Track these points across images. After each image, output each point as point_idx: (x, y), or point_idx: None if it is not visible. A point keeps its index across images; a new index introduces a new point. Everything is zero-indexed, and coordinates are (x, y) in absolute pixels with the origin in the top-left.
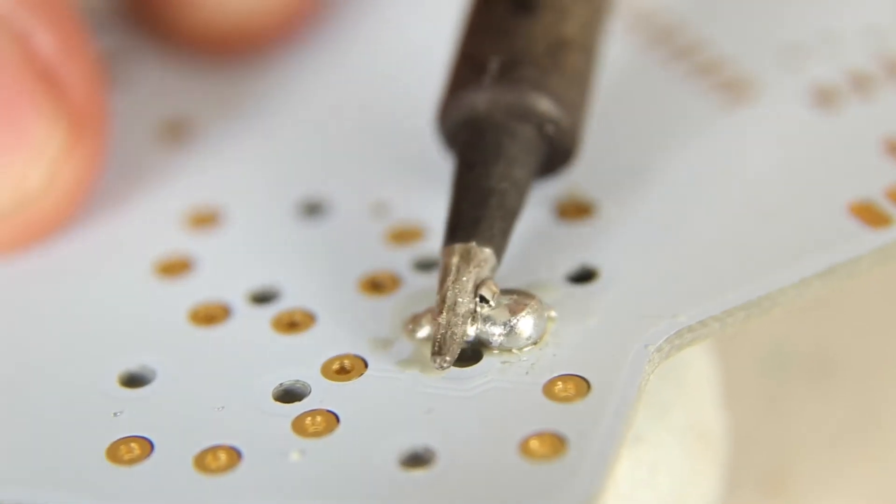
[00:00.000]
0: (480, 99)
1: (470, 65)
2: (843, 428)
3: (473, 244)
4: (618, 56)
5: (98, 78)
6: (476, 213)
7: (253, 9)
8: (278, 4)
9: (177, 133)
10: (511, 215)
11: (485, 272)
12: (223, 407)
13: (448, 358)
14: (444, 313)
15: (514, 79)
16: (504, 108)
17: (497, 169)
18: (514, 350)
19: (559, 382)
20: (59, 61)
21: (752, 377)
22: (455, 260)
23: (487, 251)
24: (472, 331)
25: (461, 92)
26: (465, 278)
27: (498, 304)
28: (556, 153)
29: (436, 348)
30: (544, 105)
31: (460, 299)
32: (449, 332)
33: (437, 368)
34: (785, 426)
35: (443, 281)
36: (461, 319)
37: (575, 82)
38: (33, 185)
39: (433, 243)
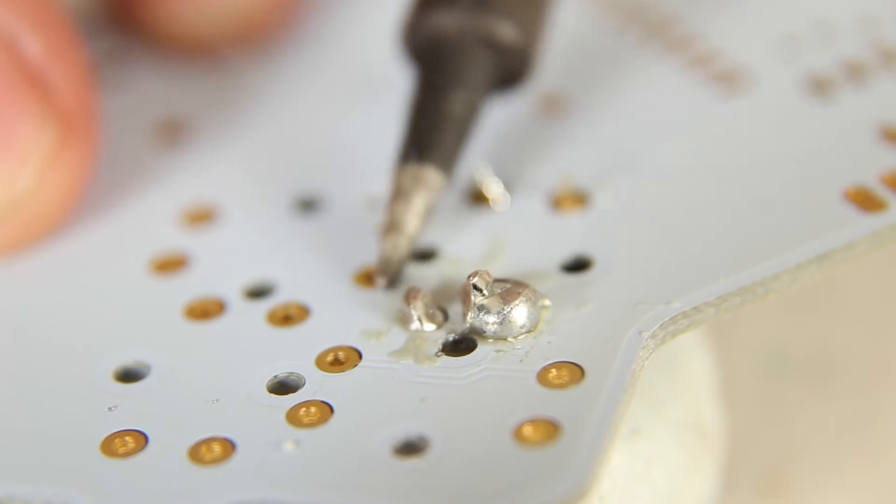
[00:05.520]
0: (452, 21)
1: None
2: (842, 429)
3: (428, 167)
4: (613, 50)
5: (87, 81)
6: (433, 137)
7: (238, 7)
8: (263, 2)
9: (171, 132)
10: (464, 141)
11: (435, 196)
12: (217, 400)
13: (389, 279)
14: (391, 234)
15: (488, 6)
16: (474, 33)
17: (458, 94)
18: (508, 338)
19: (553, 369)
20: (46, 65)
21: (752, 378)
22: (408, 181)
23: (440, 176)
24: (466, 319)
25: (434, 11)
26: (415, 200)
27: (492, 294)
28: (511, 79)
29: (380, 268)
30: (512, 36)
31: (409, 221)
32: (394, 254)
33: (380, 287)
34: (784, 427)
35: (394, 202)
36: (407, 240)
37: (540, 13)
38: (22, 188)
39: (427, 236)
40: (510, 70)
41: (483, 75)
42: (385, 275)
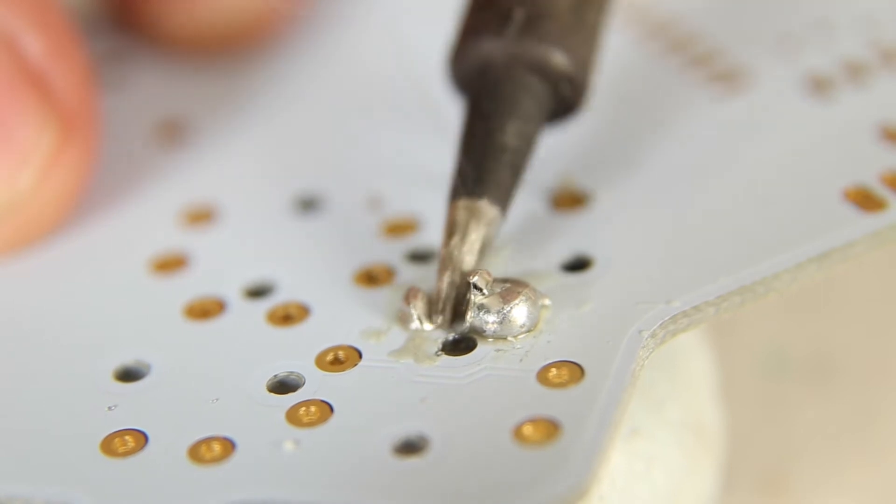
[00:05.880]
0: (501, 48)
1: (492, 11)
2: (842, 429)
3: (484, 201)
4: (613, 50)
5: (88, 81)
6: (488, 169)
7: (240, 7)
8: (263, 3)
9: (172, 132)
10: (520, 174)
11: (491, 231)
12: (217, 399)
13: (447, 319)
14: (449, 271)
15: (539, 33)
16: (525, 61)
17: (512, 124)
18: (508, 338)
19: (553, 369)
20: (47, 64)
21: (752, 379)
22: (463, 216)
23: (496, 210)
24: (466, 319)
25: (481, 38)
26: (472, 237)
27: (491, 293)
28: (563, 108)
29: (438, 307)
30: (565, 64)
31: (467, 258)
32: (451, 291)
33: (436, 327)
34: (784, 427)
35: (449, 237)
36: (464, 279)
37: (591, 39)
38: (22, 188)
39: (427, 235)
40: (562, 98)
41: (536, 105)
42: (442, 313)
